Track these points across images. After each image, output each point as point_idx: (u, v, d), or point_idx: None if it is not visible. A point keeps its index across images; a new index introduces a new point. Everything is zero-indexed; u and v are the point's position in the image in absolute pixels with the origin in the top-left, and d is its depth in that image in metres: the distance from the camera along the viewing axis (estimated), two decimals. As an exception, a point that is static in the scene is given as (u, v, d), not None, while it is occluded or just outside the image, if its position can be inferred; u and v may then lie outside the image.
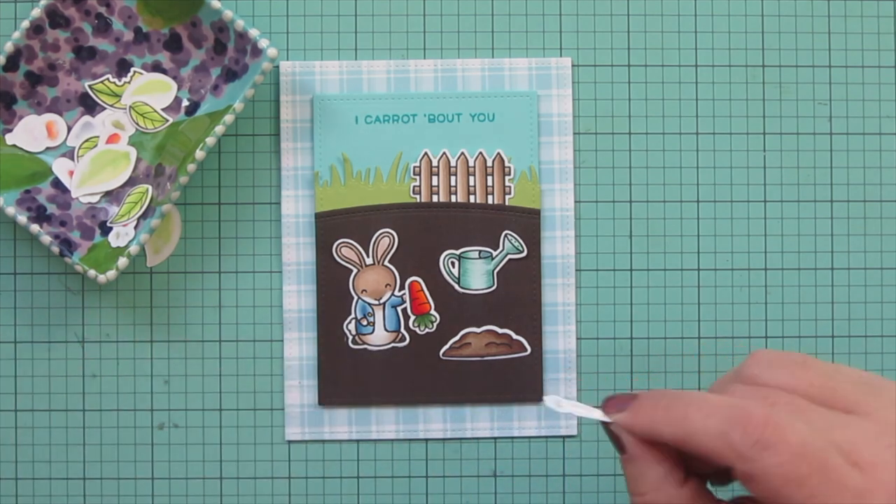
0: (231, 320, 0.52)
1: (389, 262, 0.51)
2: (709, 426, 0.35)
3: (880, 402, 0.36)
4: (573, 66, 0.52)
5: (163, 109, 0.51)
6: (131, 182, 0.51)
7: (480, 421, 0.52)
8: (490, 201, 0.51)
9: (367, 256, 0.51)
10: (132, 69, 0.51)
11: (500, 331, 0.51)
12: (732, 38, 0.52)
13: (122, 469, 0.51)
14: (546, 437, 0.52)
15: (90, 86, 0.51)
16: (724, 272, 0.52)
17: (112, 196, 0.51)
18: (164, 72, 0.51)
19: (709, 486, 0.38)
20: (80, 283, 0.52)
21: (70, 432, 0.51)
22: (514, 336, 0.51)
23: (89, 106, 0.51)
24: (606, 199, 0.52)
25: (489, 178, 0.51)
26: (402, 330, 0.51)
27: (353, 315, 0.51)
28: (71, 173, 0.51)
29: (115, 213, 0.50)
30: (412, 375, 0.51)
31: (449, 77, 0.52)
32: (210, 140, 0.48)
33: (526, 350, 0.51)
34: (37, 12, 0.49)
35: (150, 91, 0.51)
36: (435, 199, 0.51)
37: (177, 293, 0.52)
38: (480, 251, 0.51)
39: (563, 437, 0.52)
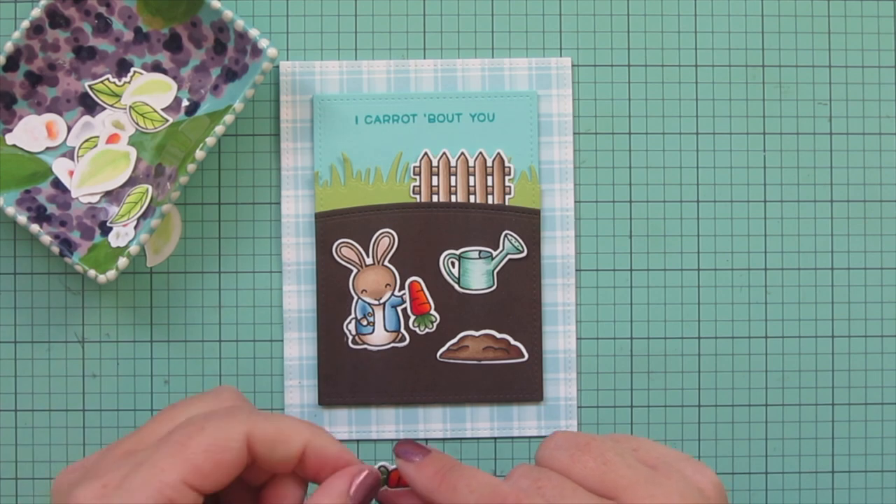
0: (231, 320, 0.52)
1: (389, 262, 0.51)
2: (468, 499, 0.38)
3: (648, 492, 0.37)
4: (573, 66, 0.52)
5: (163, 109, 0.51)
6: (131, 182, 0.51)
7: (480, 421, 0.52)
8: (490, 201, 0.51)
9: (367, 256, 0.51)
10: (132, 69, 0.51)
11: (499, 335, 0.51)
12: (732, 38, 0.52)
13: (123, 469, 0.51)
14: (546, 437, 0.52)
15: (90, 86, 0.51)
16: (724, 272, 0.52)
17: (112, 196, 0.51)
18: (164, 72, 0.51)
19: None
20: (80, 283, 0.52)
21: (70, 432, 0.51)
22: (512, 342, 0.51)
23: (89, 106, 0.51)
24: (606, 199, 0.52)
25: (489, 178, 0.51)
26: (402, 330, 0.51)
27: (353, 315, 0.51)
28: (71, 173, 0.51)
29: (115, 213, 0.50)
30: (412, 375, 0.51)
31: (449, 77, 0.52)
32: (210, 140, 0.48)
33: (523, 356, 0.51)
34: (37, 12, 0.49)
35: (150, 91, 0.51)
36: (435, 199, 0.51)
37: (177, 293, 0.52)
38: (480, 251, 0.51)
39: (563, 437, 0.52)
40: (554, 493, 0.38)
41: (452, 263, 0.51)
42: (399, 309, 0.51)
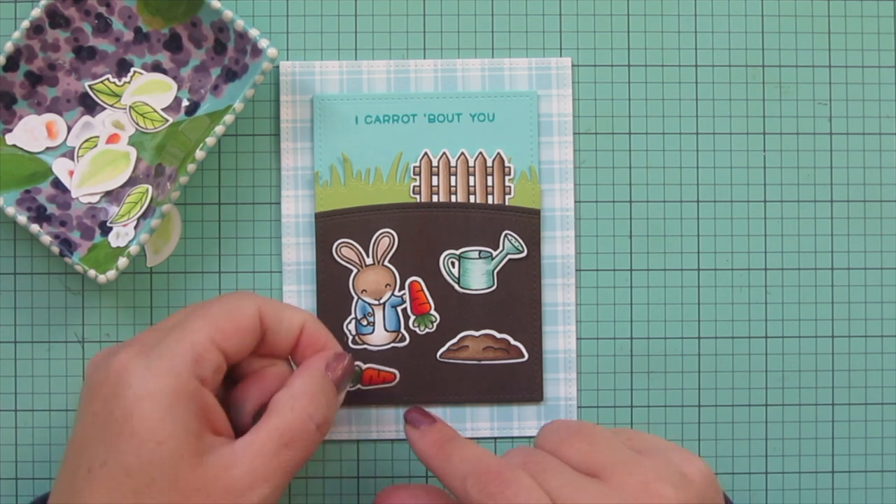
0: (231, 320, 0.52)
1: (389, 262, 0.51)
2: (457, 469, 0.41)
3: (628, 470, 0.40)
4: (573, 66, 0.52)
5: (163, 109, 0.51)
6: (131, 182, 0.51)
7: (480, 421, 0.52)
8: (490, 201, 0.51)
9: (367, 256, 0.51)
10: (132, 69, 0.51)
11: (499, 335, 0.51)
12: (732, 38, 0.52)
13: (123, 469, 0.51)
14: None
15: (90, 86, 0.51)
16: (724, 272, 0.52)
17: (112, 196, 0.51)
18: (164, 72, 0.51)
19: None
20: (80, 283, 0.52)
21: (70, 432, 0.51)
22: (512, 342, 0.51)
23: (89, 106, 0.51)
24: (606, 199, 0.52)
25: (489, 178, 0.51)
26: (402, 330, 0.51)
27: (353, 315, 0.51)
28: (71, 173, 0.51)
29: (115, 213, 0.50)
30: (412, 375, 0.51)
31: (449, 77, 0.52)
32: (210, 140, 0.48)
33: (523, 356, 0.51)
34: (37, 12, 0.49)
35: (150, 91, 0.51)
36: (435, 199, 0.51)
37: (177, 293, 0.52)
38: (480, 251, 0.51)
39: (563, 437, 0.52)
40: (538, 469, 0.41)
41: (452, 263, 0.51)
42: (399, 309, 0.51)
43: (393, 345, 0.51)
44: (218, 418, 0.42)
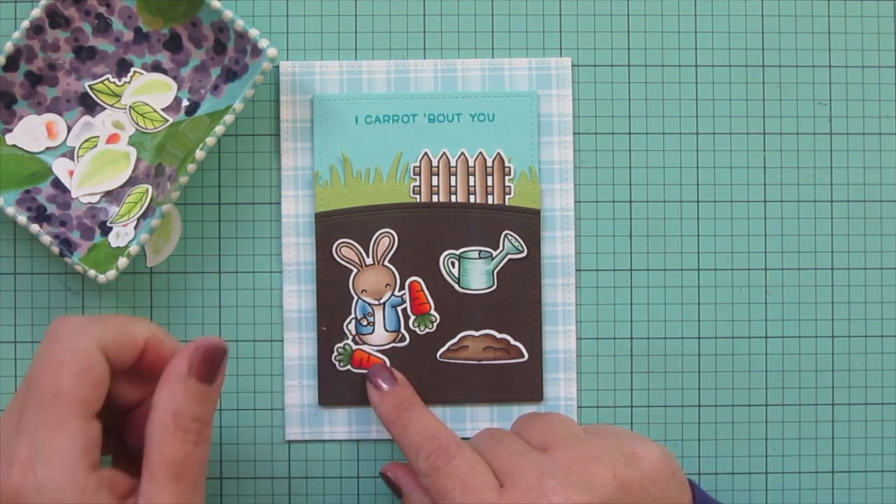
0: (231, 320, 0.52)
1: (389, 262, 0.51)
2: (412, 441, 0.45)
3: (573, 445, 0.43)
4: (573, 66, 0.52)
5: (163, 109, 0.51)
6: (131, 182, 0.51)
7: (480, 421, 0.52)
8: (490, 201, 0.51)
9: (367, 256, 0.51)
10: (132, 69, 0.51)
11: (499, 335, 0.51)
12: (732, 38, 0.52)
13: (123, 469, 0.51)
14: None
15: (90, 86, 0.51)
16: (724, 272, 0.52)
17: (112, 196, 0.51)
18: (164, 72, 0.51)
19: None
20: (80, 283, 0.52)
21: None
22: (512, 342, 0.51)
23: (89, 106, 0.51)
24: (606, 199, 0.52)
25: (489, 178, 0.51)
26: (402, 330, 0.51)
27: (353, 315, 0.51)
28: (71, 173, 0.51)
29: (115, 213, 0.50)
30: (412, 375, 0.51)
31: (449, 77, 0.52)
32: (210, 140, 0.48)
33: (523, 356, 0.51)
34: (37, 12, 0.49)
35: (150, 91, 0.51)
36: (435, 199, 0.51)
37: (177, 293, 0.52)
38: (480, 251, 0.51)
39: (563, 437, 0.52)
40: (494, 441, 0.45)
41: (452, 263, 0.51)
42: (399, 309, 0.51)
43: (393, 345, 0.51)
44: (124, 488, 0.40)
